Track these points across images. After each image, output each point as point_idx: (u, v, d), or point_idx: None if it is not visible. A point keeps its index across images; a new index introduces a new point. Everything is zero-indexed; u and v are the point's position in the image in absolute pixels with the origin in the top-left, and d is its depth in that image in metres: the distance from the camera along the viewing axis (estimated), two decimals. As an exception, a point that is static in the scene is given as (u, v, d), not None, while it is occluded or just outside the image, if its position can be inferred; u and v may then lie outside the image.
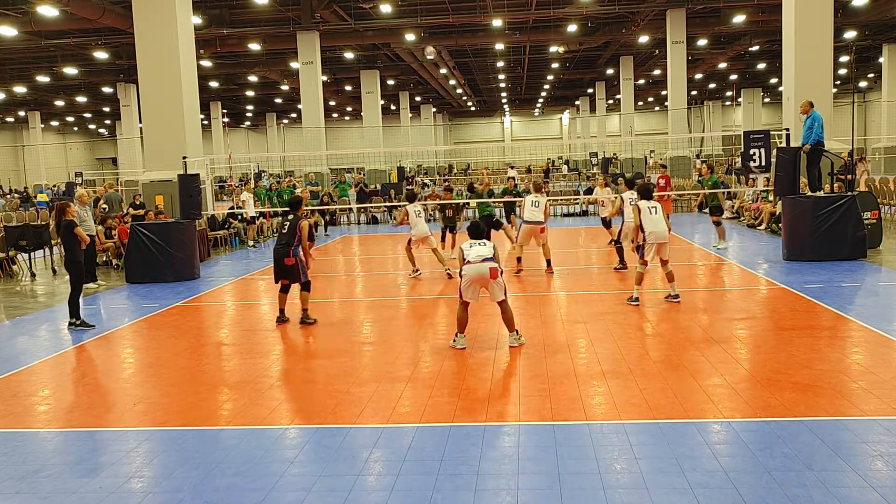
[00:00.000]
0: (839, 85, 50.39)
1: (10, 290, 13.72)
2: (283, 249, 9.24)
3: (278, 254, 9.30)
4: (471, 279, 7.70)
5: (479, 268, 7.64)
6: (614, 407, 5.89)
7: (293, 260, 9.17)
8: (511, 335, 7.92)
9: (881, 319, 8.37)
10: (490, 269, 7.62)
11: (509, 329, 7.93)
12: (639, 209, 9.83)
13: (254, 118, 67.53)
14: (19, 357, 8.48)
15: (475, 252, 7.75)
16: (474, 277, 7.68)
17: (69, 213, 9.74)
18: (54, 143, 61.20)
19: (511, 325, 7.90)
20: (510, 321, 7.88)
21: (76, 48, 30.78)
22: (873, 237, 13.53)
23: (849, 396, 5.91)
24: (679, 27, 29.91)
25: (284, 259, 9.21)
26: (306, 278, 9.33)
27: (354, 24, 29.25)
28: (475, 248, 7.81)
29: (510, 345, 7.86)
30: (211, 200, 17.07)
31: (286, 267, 9.24)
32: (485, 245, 7.86)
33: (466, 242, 7.98)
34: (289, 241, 9.25)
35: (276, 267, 9.38)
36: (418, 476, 4.77)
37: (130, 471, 5.08)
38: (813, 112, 12.92)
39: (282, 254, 9.24)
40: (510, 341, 7.89)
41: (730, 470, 4.67)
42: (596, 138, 53.58)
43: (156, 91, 17.12)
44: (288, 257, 9.17)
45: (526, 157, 53.97)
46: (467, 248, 7.85)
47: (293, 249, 9.21)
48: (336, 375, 7.11)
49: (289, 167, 50.68)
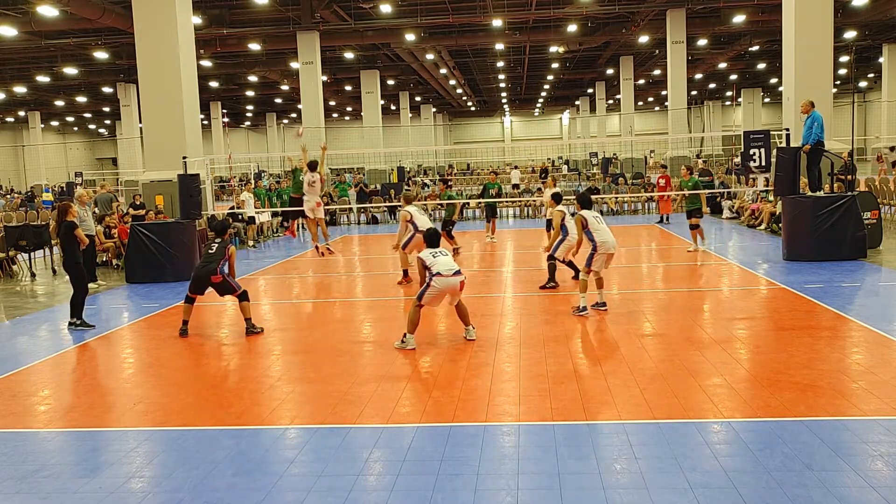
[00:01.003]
0: (839, 85, 50.40)
1: (10, 290, 13.72)
2: (210, 267, 9.01)
3: (204, 271, 9.04)
4: (440, 291, 7.92)
5: (450, 281, 7.88)
6: (614, 407, 5.89)
7: (220, 277, 9.02)
8: (467, 329, 8.27)
9: (881, 319, 8.37)
10: (460, 282, 7.97)
11: (465, 323, 8.27)
12: (584, 220, 9.33)
13: (254, 118, 67.55)
14: (19, 357, 8.48)
15: (443, 264, 7.92)
16: (444, 289, 7.92)
17: (70, 213, 9.74)
18: (54, 143, 61.21)
19: (467, 320, 8.27)
20: (466, 316, 8.25)
21: (76, 48, 30.79)
22: (873, 237, 13.53)
23: (849, 396, 5.91)
24: (679, 27, 29.92)
25: (212, 277, 8.98)
26: (241, 289, 9.21)
27: (354, 24, 29.25)
28: (440, 258, 7.99)
29: (467, 338, 8.18)
30: (211, 200, 17.07)
31: (215, 284, 9.06)
32: (446, 255, 8.08)
33: (427, 251, 8.15)
34: (216, 260, 9.08)
35: (197, 283, 9.14)
36: (418, 476, 4.77)
37: (130, 471, 5.08)
38: (813, 112, 12.92)
39: (209, 271, 8.99)
40: (466, 335, 8.23)
41: (730, 470, 4.67)
42: (596, 138, 53.61)
43: (156, 91, 17.12)
44: (215, 275, 8.98)
45: (526, 158, 53.98)
46: (430, 258, 7.99)
47: (220, 267, 9.04)
48: (336, 375, 7.11)
49: (289, 167, 50.63)
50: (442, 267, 7.88)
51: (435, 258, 7.99)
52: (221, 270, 9.09)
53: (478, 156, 56.88)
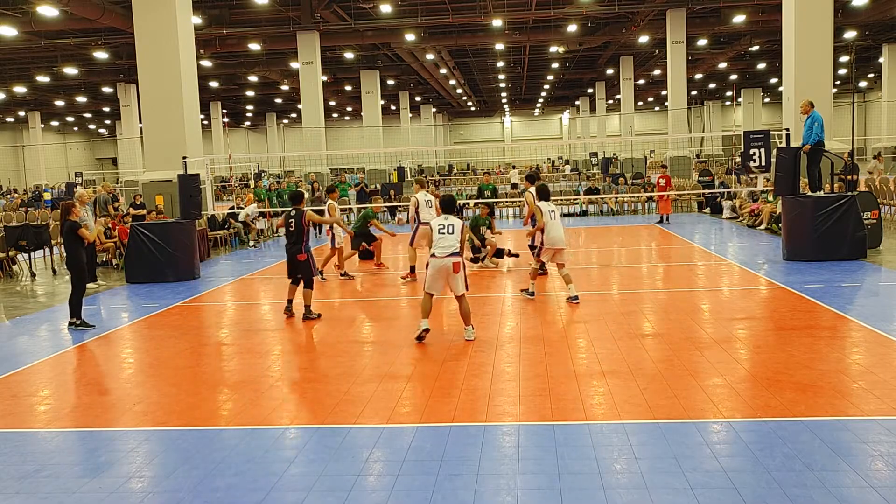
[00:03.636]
0: (839, 85, 50.41)
1: (10, 290, 13.72)
2: (295, 248, 9.71)
3: (291, 252, 9.77)
4: (436, 271, 8.12)
5: (443, 262, 8.09)
6: (614, 407, 5.89)
7: (305, 256, 9.66)
8: (466, 329, 8.26)
9: (881, 319, 8.36)
10: (453, 263, 8.07)
11: (465, 322, 8.26)
12: (540, 211, 10.05)
13: (254, 118, 67.56)
14: (19, 357, 8.48)
15: (443, 244, 8.13)
16: (439, 269, 8.11)
17: (73, 213, 9.76)
18: (54, 143, 61.23)
19: (467, 320, 8.26)
20: (466, 315, 8.24)
21: (76, 48, 30.79)
22: (873, 237, 13.53)
23: (849, 396, 5.91)
24: (679, 27, 29.92)
25: (297, 256, 9.68)
26: (316, 274, 9.95)
27: (354, 24, 29.25)
28: (445, 238, 8.15)
29: (466, 338, 8.18)
30: (211, 200, 17.08)
31: (299, 263, 9.70)
32: (452, 233, 8.17)
33: (437, 222, 8.34)
34: (297, 239, 9.72)
35: (290, 264, 9.84)
36: (418, 476, 4.77)
37: (130, 471, 5.08)
38: (813, 112, 12.93)
39: (295, 251, 9.71)
40: (466, 335, 8.23)
41: (730, 470, 4.67)
42: (596, 138, 53.57)
43: (156, 91, 17.12)
44: (300, 254, 9.66)
45: (526, 157, 53.97)
46: (436, 234, 8.20)
47: (304, 246, 9.69)
48: (336, 375, 7.11)
49: (289, 167, 50.69)
50: (438, 248, 8.12)
51: (440, 235, 8.16)
52: (307, 249, 9.73)
53: (478, 156, 56.86)
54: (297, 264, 9.72)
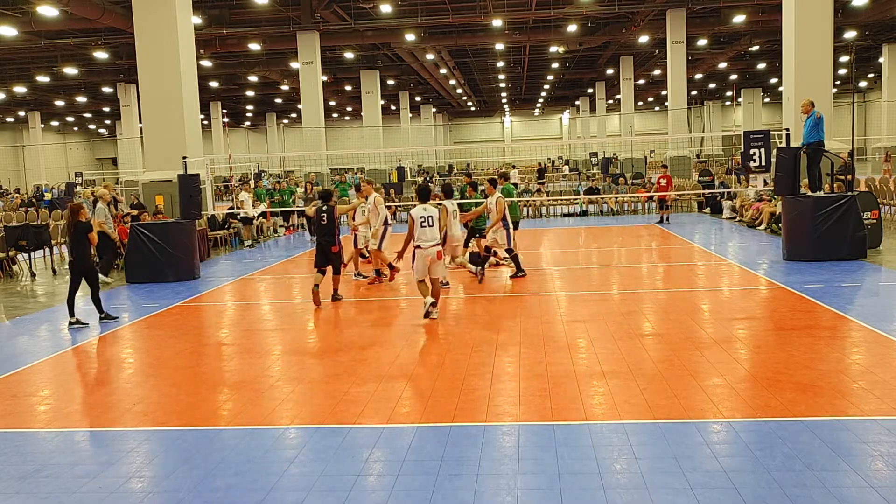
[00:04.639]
0: (839, 85, 50.40)
1: (10, 290, 13.72)
2: (329, 239, 10.60)
3: (324, 243, 10.64)
4: (422, 259, 9.28)
5: (428, 252, 9.29)
6: (614, 407, 5.89)
7: (338, 247, 10.66)
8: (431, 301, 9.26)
9: (881, 319, 8.36)
10: (437, 252, 9.33)
11: (435, 298, 9.33)
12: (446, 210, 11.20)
13: (254, 118, 67.54)
14: (19, 357, 8.48)
15: (427, 236, 9.29)
16: (425, 258, 9.28)
17: (82, 215, 9.77)
18: (54, 143, 61.22)
19: (437, 297, 9.40)
20: (437, 294, 9.42)
21: (76, 48, 30.78)
22: (873, 237, 13.53)
23: (849, 396, 5.91)
24: (679, 27, 29.91)
25: (332, 248, 10.60)
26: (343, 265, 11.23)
27: (354, 24, 29.24)
28: (426, 230, 9.29)
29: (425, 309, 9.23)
30: (211, 200, 17.07)
31: (332, 254, 10.65)
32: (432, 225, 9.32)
33: (417, 211, 9.36)
34: (330, 232, 10.61)
35: (321, 254, 10.70)
36: (418, 476, 4.77)
37: (130, 471, 5.08)
38: (813, 112, 12.93)
39: (329, 243, 10.60)
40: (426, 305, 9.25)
41: (730, 470, 4.67)
42: (596, 138, 53.58)
43: (156, 91, 17.12)
44: (334, 245, 10.59)
45: (526, 157, 53.96)
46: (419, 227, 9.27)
47: (337, 238, 10.66)
48: (336, 375, 7.11)
49: (289, 167, 50.70)
50: (422, 241, 9.28)
51: (422, 228, 9.29)
52: (338, 241, 10.70)
53: (478, 156, 56.84)
54: (329, 255, 10.62)
